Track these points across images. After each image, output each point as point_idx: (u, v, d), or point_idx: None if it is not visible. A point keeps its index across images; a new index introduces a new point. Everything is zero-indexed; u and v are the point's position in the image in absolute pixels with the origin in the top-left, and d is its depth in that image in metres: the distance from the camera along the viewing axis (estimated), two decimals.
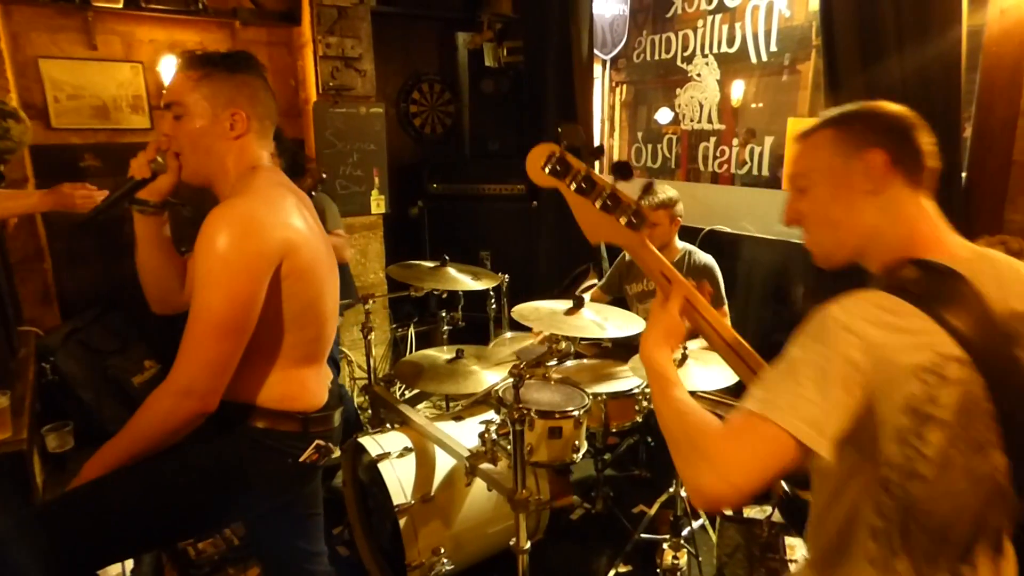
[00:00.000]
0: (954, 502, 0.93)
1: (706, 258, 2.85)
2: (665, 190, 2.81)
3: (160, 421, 1.36)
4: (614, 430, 2.51)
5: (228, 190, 1.49)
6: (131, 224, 1.59)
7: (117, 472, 1.38)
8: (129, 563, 2.24)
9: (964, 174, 2.20)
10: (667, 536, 2.38)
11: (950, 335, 0.88)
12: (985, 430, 0.90)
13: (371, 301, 2.62)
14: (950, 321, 0.89)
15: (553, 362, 2.68)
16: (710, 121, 3.60)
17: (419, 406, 3.16)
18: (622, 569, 2.49)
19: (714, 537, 2.48)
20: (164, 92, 1.51)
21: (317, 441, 1.55)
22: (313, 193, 2.90)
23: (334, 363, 3.10)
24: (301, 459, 1.53)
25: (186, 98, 1.46)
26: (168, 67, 3.61)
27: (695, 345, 2.39)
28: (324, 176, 2.86)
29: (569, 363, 2.77)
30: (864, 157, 1.03)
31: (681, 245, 2.90)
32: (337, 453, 3.19)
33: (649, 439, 2.99)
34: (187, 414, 1.35)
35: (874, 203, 1.04)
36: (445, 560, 2.13)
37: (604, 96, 4.36)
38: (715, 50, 3.51)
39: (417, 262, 2.85)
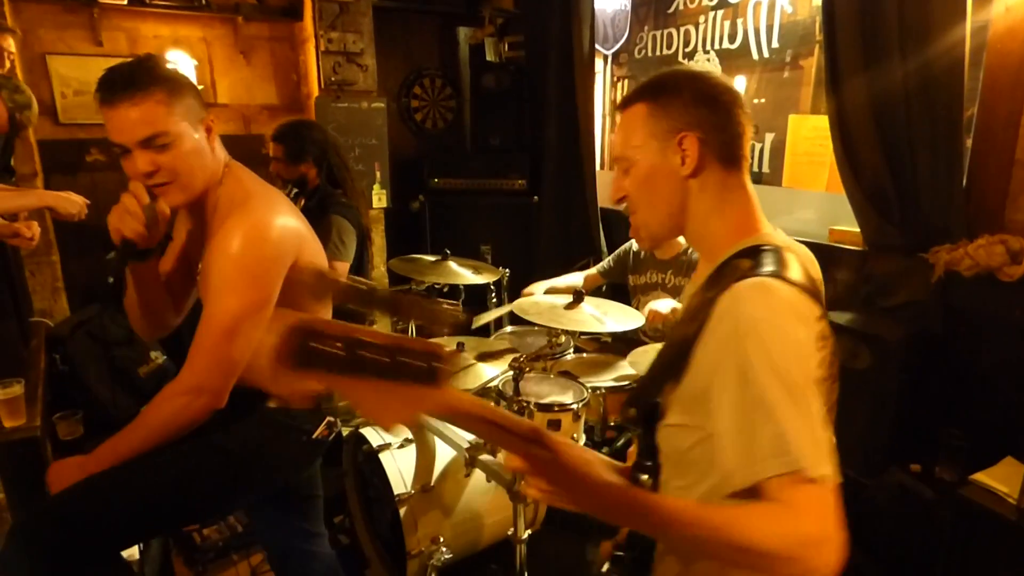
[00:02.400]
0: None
1: None
2: None
3: (172, 418, 1.41)
4: (612, 424, 2.53)
5: (214, 197, 1.50)
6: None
7: (141, 458, 1.42)
8: (135, 548, 2.28)
9: (965, 173, 2.21)
10: None
11: (819, 306, 0.96)
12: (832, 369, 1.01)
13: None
14: (819, 297, 0.98)
15: (552, 356, 2.71)
16: None
17: None
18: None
19: None
20: (129, 132, 1.36)
21: (328, 418, 1.62)
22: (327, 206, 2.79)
23: None
24: (315, 435, 1.60)
25: (168, 125, 1.38)
26: (172, 63, 3.64)
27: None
28: (345, 200, 2.80)
29: (568, 356, 2.80)
30: (679, 139, 1.03)
31: (683, 240, 2.91)
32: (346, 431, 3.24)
33: None
34: (199, 411, 1.40)
35: (693, 185, 1.05)
36: (444, 549, 2.17)
37: (605, 91, 4.37)
38: (717, 46, 3.52)
39: (419, 256, 2.88)
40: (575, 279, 3.17)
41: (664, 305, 2.61)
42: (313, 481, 1.84)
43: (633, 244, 3.09)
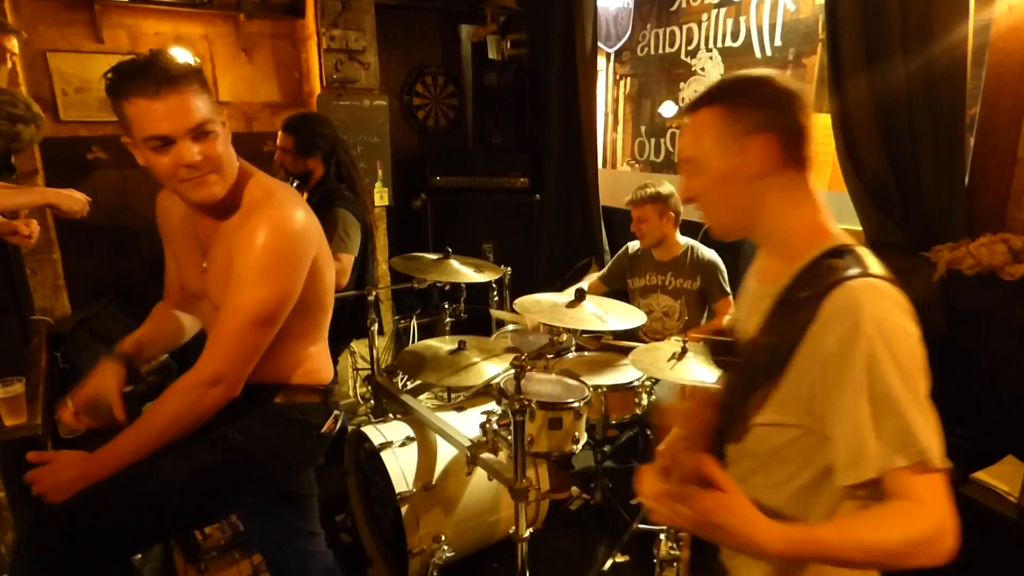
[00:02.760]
0: None
1: (710, 254, 2.87)
2: (656, 185, 2.83)
3: (189, 407, 1.41)
4: (614, 422, 2.54)
5: (231, 192, 1.47)
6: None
7: (153, 458, 1.41)
8: None
9: (967, 171, 2.20)
10: (664, 527, 2.41)
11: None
12: None
13: (374, 292, 2.65)
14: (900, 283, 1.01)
15: (554, 354, 2.72)
16: None
17: (421, 396, 3.19)
18: (619, 559, 2.53)
19: None
20: (181, 121, 1.35)
21: (335, 412, 1.65)
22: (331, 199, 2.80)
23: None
24: (323, 430, 1.62)
25: (212, 114, 1.38)
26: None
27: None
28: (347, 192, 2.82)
29: (570, 355, 2.80)
30: (754, 141, 1.05)
31: (683, 241, 2.92)
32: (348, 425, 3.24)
33: (648, 431, 3.02)
34: (216, 401, 1.41)
35: (765, 185, 1.07)
36: (446, 547, 2.17)
37: (608, 89, 4.37)
38: (719, 44, 3.52)
39: (421, 254, 2.88)
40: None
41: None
42: (308, 479, 1.83)
43: (631, 246, 3.08)
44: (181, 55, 3.59)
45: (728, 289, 2.86)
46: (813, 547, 0.88)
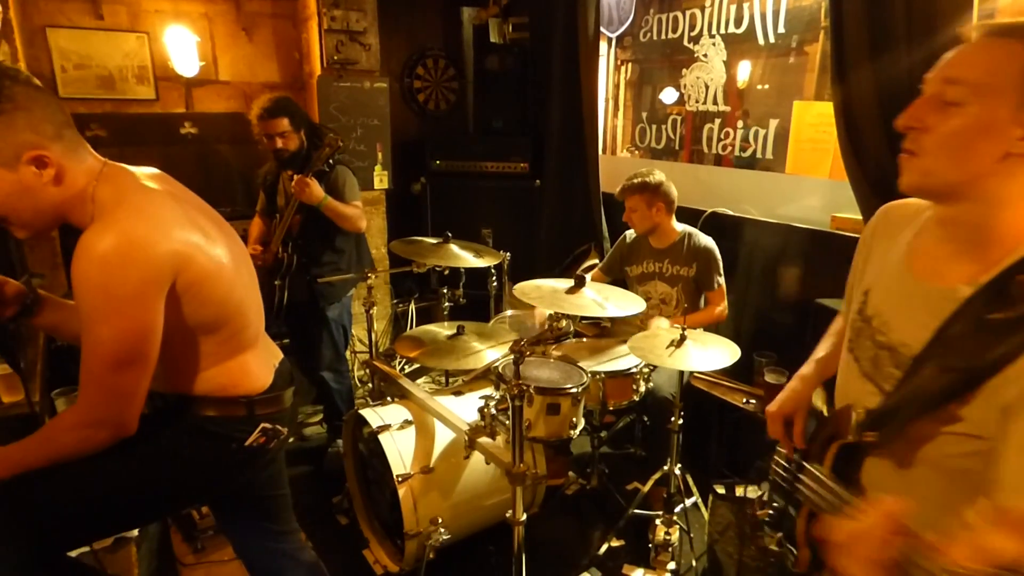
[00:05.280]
0: None
1: (706, 240, 2.87)
2: (645, 174, 2.81)
3: (72, 450, 1.32)
4: (611, 408, 2.54)
5: (86, 215, 1.29)
6: None
7: (71, 464, 1.34)
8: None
9: None
10: (660, 513, 2.43)
11: None
12: None
13: (373, 276, 2.65)
14: None
15: (552, 340, 2.72)
16: (715, 102, 3.59)
17: (419, 380, 3.21)
18: (615, 543, 2.55)
19: (706, 515, 2.53)
20: None
21: (263, 424, 1.50)
22: (330, 162, 2.91)
23: (331, 336, 3.13)
24: (247, 443, 1.50)
25: None
26: (173, 38, 3.61)
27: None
28: (341, 144, 2.88)
29: (569, 341, 2.80)
30: None
31: (680, 227, 2.91)
32: (323, 429, 3.24)
33: (645, 418, 3.04)
34: (106, 440, 1.31)
35: (1010, 166, 0.87)
36: (442, 530, 2.18)
37: (609, 75, 4.34)
38: (722, 30, 3.49)
39: (420, 238, 2.87)
40: None
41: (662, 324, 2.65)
42: (275, 480, 1.74)
43: (628, 235, 3.07)
44: (177, 35, 3.56)
45: (722, 280, 2.85)
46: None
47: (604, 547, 2.53)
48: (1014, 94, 0.85)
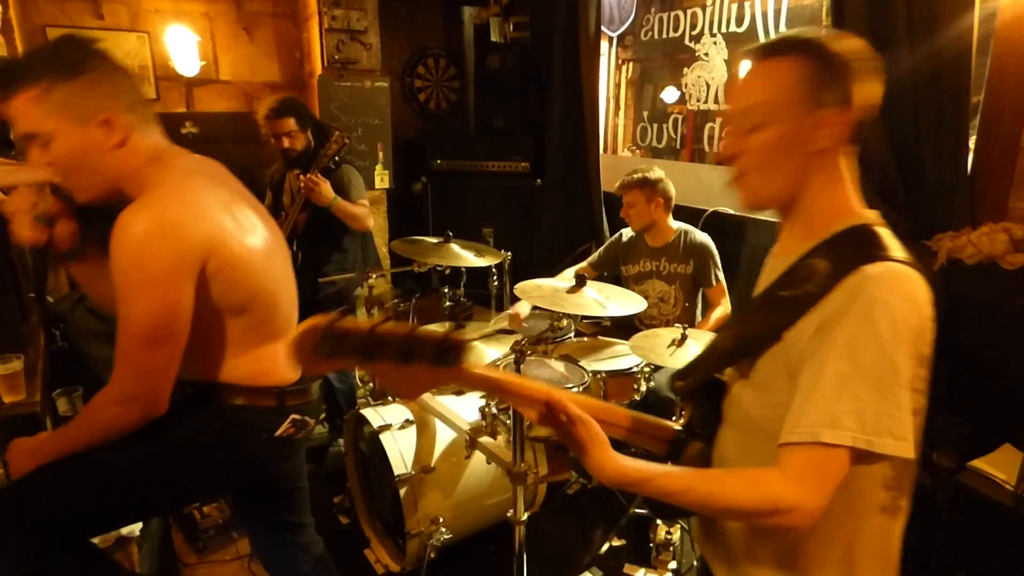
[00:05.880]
0: (922, 421, 0.99)
1: (702, 237, 2.87)
2: (645, 170, 2.82)
3: (107, 427, 1.35)
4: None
5: (137, 193, 1.35)
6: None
7: (100, 448, 1.37)
8: (138, 525, 2.29)
9: (970, 160, 2.20)
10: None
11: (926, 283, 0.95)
12: None
13: (374, 276, 2.65)
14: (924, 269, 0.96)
15: (554, 339, 2.72)
16: (716, 102, 3.59)
17: None
18: (616, 543, 2.55)
19: None
20: (11, 128, 1.32)
21: (293, 415, 1.53)
22: (336, 159, 2.94)
23: None
24: (277, 433, 1.52)
25: (40, 124, 1.28)
26: (173, 38, 3.61)
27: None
28: (348, 141, 2.89)
29: (569, 340, 2.80)
30: (834, 110, 0.95)
31: (676, 225, 2.91)
32: (324, 429, 3.24)
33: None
34: (135, 421, 1.34)
35: (819, 160, 0.99)
36: (444, 529, 2.18)
37: (610, 74, 4.34)
38: (723, 29, 3.49)
39: (421, 238, 2.87)
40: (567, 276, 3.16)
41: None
42: (296, 472, 1.77)
43: (624, 233, 3.07)
44: (177, 35, 3.56)
45: (721, 276, 2.85)
46: (648, 486, 0.98)
47: (605, 546, 2.53)
48: (797, 102, 0.96)
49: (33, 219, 1.39)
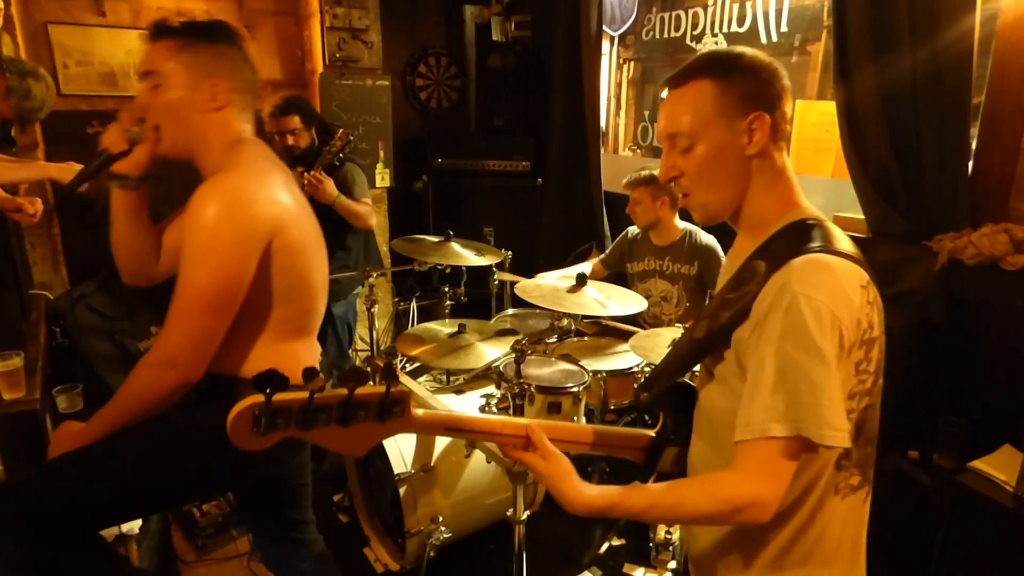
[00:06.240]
0: (878, 402, 1.05)
1: (708, 239, 2.87)
2: (653, 168, 2.82)
3: (143, 391, 1.37)
4: (612, 407, 2.54)
5: (211, 165, 1.44)
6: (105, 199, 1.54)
7: (108, 439, 1.39)
8: (137, 523, 2.29)
9: (971, 161, 2.20)
10: None
11: (867, 271, 1.00)
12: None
13: (375, 274, 2.65)
14: (865, 265, 1.01)
15: (554, 339, 2.72)
16: None
17: (419, 379, 3.20)
18: (616, 542, 2.55)
19: None
20: (140, 61, 1.46)
21: None
22: (341, 155, 2.95)
23: (336, 333, 3.14)
24: None
25: (164, 67, 1.41)
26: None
27: None
28: (352, 138, 2.90)
29: (570, 340, 2.80)
30: (751, 119, 1.03)
31: (682, 225, 2.91)
32: None
33: (646, 417, 3.03)
34: (170, 385, 1.36)
35: (755, 164, 1.05)
36: (443, 528, 2.18)
37: (611, 73, 4.34)
38: (725, 29, 3.49)
39: (422, 236, 2.87)
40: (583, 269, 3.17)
41: None
42: (302, 470, 1.79)
43: (631, 231, 3.08)
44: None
45: None
46: (615, 511, 1.00)
47: (605, 546, 2.53)
48: (718, 117, 1.03)
49: (124, 133, 1.47)
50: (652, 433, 1.20)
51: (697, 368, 1.18)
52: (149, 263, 1.63)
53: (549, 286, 2.39)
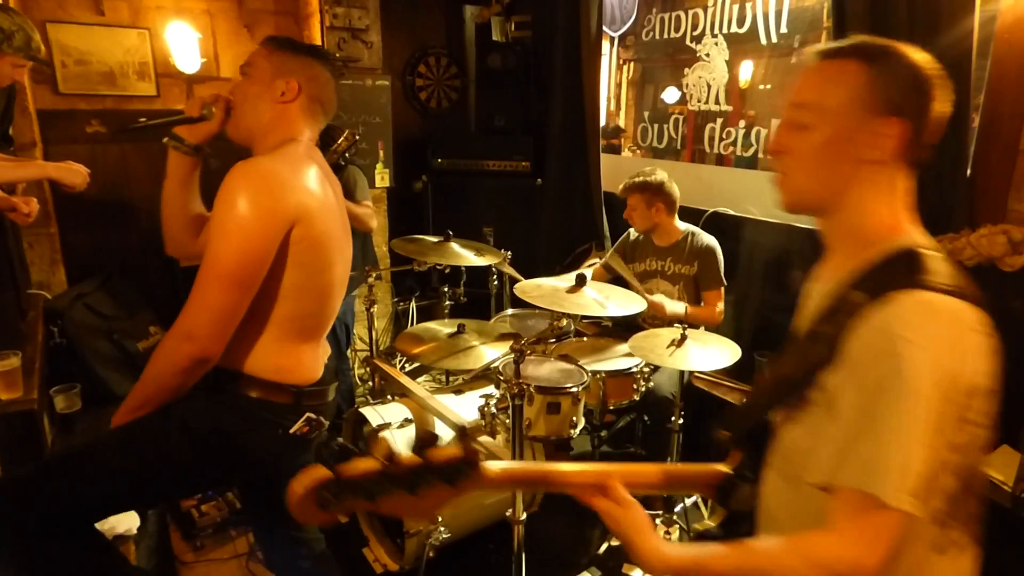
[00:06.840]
0: (984, 456, 0.95)
1: (709, 240, 2.87)
2: (647, 173, 2.82)
3: (162, 365, 1.41)
4: (611, 408, 2.54)
5: (264, 153, 1.51)
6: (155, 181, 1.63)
7: (112, 431, 1.43)
8: (136, 524, 2.29)
9: (969, 162, 2.20)
10: (660, 512, 2.43)
11: (982, 314, 0.91)
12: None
13: (373, 274, 2.65)
14: (981, 304, 0.92)
15: (553, 339, 2.72)
16: (717, 102, 3.59)
17: (419, 379, 3.20)
18: (614, 543, 2.55)
19: (706, 514, 2.53)
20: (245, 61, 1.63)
21: (308, 414, 1.57)
22: (346, 156, 2.98)
23: (335, 334, 3.14)
24: (291, 431, 1.55)
25: (256, 60, 1.56)
26: (174, 34, 3.61)
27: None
28: (357, 137, 2.91)
29: (569, 340, 2.80)
30: (888, 123, 0.92)
31: (683, 227, 2.91)
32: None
33: (645, 418, 3.04)
34: (187, 357, 1.39)
35: (870, 172, 0.95)
36: (442, 528, 2.18)
37: (611, 74, 4.34)
38: (725, 30, 3.49)
39: (421, 236, 2.87)
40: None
41: (671, 306, 2.72)
42: (304, 468, 1.81)
43: (631, 232, 3.08)
44: (177, 33, 3.56)
45: (723, 279, 2.85)
46: (698, 571, 0.91)
47: (604, 546, 2.53)
48: (853, 108, 0.93)
49: (202, 106, 1.60)
50: (725, 468, 1.12)
51: None
52: (188, 234, 1.70)
53: (549, 286, 2.39)
